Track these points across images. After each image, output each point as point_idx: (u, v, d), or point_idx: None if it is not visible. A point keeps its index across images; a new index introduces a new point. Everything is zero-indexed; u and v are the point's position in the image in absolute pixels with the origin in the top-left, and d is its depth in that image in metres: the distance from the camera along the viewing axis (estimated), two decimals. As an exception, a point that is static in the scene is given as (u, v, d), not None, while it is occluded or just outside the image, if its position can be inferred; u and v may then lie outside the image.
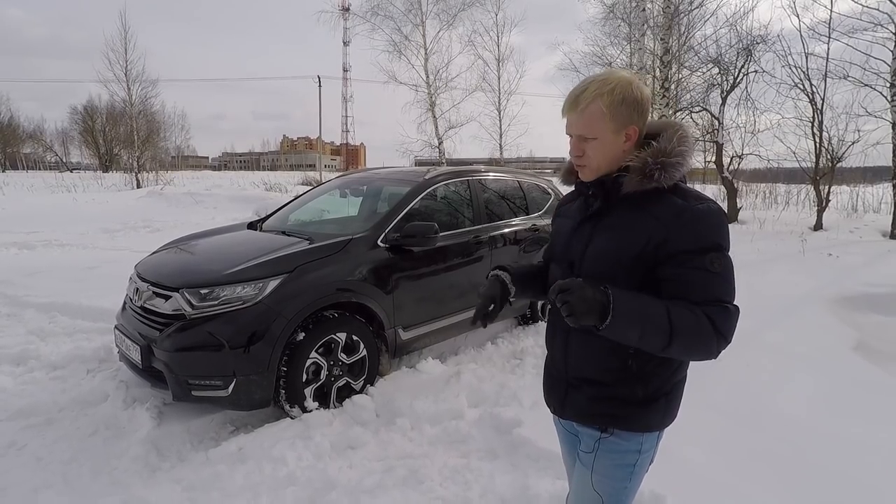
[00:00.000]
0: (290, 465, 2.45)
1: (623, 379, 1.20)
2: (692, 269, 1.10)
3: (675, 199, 1.14)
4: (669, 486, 2.10)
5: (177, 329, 2.77)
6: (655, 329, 1.05)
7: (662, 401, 1.22)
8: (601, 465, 1.27)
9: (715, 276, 1.10)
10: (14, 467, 2.52)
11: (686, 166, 1.18)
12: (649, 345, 1.07)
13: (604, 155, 1.19)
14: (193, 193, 14.66)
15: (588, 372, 1.25)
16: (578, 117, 1.18)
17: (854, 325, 4.54)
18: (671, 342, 1.05)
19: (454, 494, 2.29)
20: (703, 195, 1.18)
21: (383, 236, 3.37)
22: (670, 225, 1.12)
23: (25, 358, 3.73)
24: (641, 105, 1.18)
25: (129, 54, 21.62)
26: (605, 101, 1.15)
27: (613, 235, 1.19)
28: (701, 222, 1.11)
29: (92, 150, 44.93)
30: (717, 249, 1.10)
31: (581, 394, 1.27)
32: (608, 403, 1.23)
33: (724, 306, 1.09)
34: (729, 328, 1.08)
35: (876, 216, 11.96)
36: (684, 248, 1.10)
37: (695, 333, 1.06)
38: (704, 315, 1.06)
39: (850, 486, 2.26)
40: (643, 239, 1.13)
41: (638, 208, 1.17)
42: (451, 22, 16.66)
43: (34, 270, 6.24)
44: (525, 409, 2.92)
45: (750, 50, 11.08)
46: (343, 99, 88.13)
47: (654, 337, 1.05)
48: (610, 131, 1.17)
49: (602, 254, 1.20)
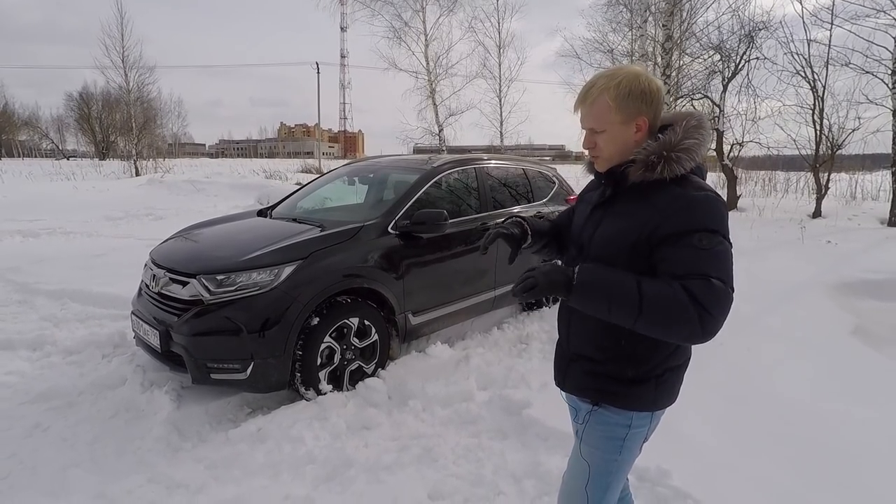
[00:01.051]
0: (309, 445, 2.54)
1: (615, 357, 1.26)
2: (680, 247, 1.11)
3: (675, 188, 1.17)
4: (675, 462, 2.19)
5: (195, 314, 2.84)
6: (623, 298, 1.07)
7: (652, 383, 1.25)
8: (590, 435, 1.34)
9: (702, 252, 1.09)
10: (41, 447, 2.60)
11: (694, 159, 1.20)
12: (620, 315, 1.09)
13: (614, 146, 1.25)
14: (194, 181, 14.63)
15: (585, 349, 1.32)
16: (588, 111, 1.26)
17: (852, 311, 4.63)
18: (641, 311, 1.05)
19: (468, 472, 2.39)
20: (706, 185, 1.20)
21: (393, 223, 3.43)
22: (665, 211, 1.15)
23: (41, 343, 3.80)
24: (649, 96, 1.22)
25: (125, 40, 21.35)
26: (611, 94, 1.21)
27: (618, 222, 1.24)
28: (694, 207, 1.14)
29: (88, 138, 44.69)
30: (709, 231, 1.11)
31: (578, 367, 1.34)
32: (599, 379, 1.29)
33: (707, 279, 1.06)
34: (711, 301, 1.04)
35: (874, 204, 12.05)
36: (675, 231, 1.12)
37: (667, 304, 1.05)
38: (682, 287, 1.06)
39: (852, 463, 2.36)
40: (641, 226, 1.17)
41: (642, 197, 1.21)
42: (451, 8, 16.52)
43: (41, 258, 6.28)
44: (533, 390, 3.01)
45: (752, 37, 11.06)
46: (341, 86, 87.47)
47: (623, 306, 1.07)
48: (618, 123, 1.23)
49: (607, 239, 1.25)
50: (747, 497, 2.11)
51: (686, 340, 1.10)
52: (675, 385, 1.31)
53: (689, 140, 1.20)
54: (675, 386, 1.32)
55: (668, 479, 2.13)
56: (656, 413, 1.32)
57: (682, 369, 1.32)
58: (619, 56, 13.90)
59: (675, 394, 1.33)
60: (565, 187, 5.14)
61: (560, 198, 4.96)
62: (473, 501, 2.19)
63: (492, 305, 4.16)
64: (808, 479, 2.23)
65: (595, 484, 1.34)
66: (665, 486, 2.12)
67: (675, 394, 1.33)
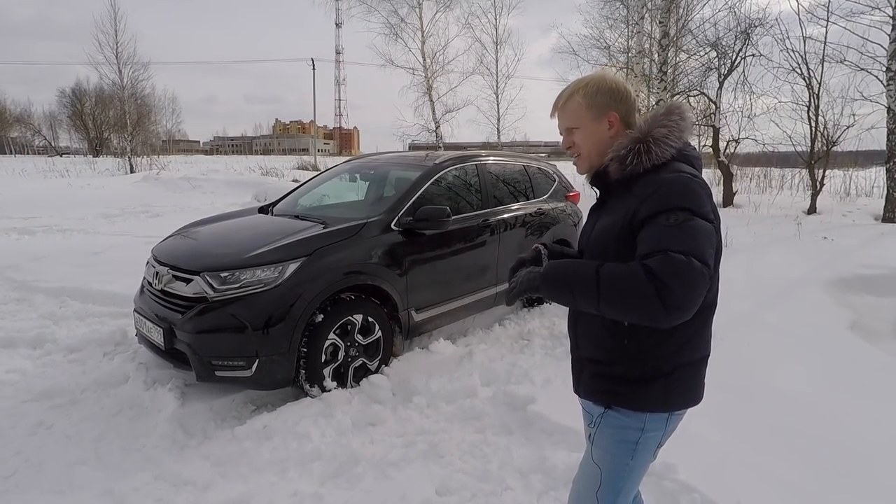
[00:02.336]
0: (315, 441, 2.55)
1: (621, 357, 1.25)
2: (650, 228, 1.11)
3: (652, 175, 1.19)
4: (680, 457, 2.21)
5: (199, 311, 2.83)
6: (582, 285, 1.10)
7: (661, 381, 1.22)
8: (601, 438, 1.32)
9: (667, 229, 1.07)
10: (46, 445, 2.60)
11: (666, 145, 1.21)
12: (583, 302, 1.12)
13: (592, 142, 1.31)
14: (190, 178, 14.56)
15: (592, 351, 1.32)
16: (562, 112, 1.35)
17: (849, 306, 4.68)
18: (599, 293, 1.07)
19: (473, 467, 2.40)
20: (683, 168, 1.19)
21: (396, 220, 3.43)
22: (640, 196, 1.17)
23: (42, 341, 3.79)
24: (617, 93, 1.29)
25: (119, 36, 21.15)
26: (581, 94, 1.30)
27: (607, 218, 1.28)
28: (666, 188, 1.14)
29: (81, 134, 44.38)
30: (679, 209, 1.09)
31: (589, 371, 1.34)
32: (609, 381, 1.28)
33: (667, 253, 1.02)
34: (668, 273, 1.00)
35: (868, 200, 12.12)
36: (648, 213, 1.13)
37: (624, 283, 1.04)
38: (640, 265, 1.04)
39: (854, 456, 2.39)
40: (623, 216, 1.19)
41: (626, 191, 1.23)
42: (448, 4, 16.43)
43: (39, 256, 6.24)
44: (537, 386, 3.03)
45: (748, 33, 11.10)
46: (336, 82, 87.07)
47: (584, 292, 1.10)
48: (590, 119, 1.30)
49: (598, 235, 1.29)
50: (753, 490, 2.13)
51: (652, 319, 1.03)
52: (690, 383, 1.27)
53: (659, 129, 1.23)
54: (690, 384, 1.27)
55: (674, 473, 2.15)
56: (672, 417, 1.28)
57: (696, 367, 1.27)
58: (616, 52, 13.93)
59: (691, 393, 1.28)
60: (564, 183, 5.15)
61: (560, 194, 4.98)
62: (481, 497, 2.20)
63: (493, 302, 4.18)
64: (811, 472, 2.25)
65: (606, 489, 1.32)
66: (671, 481, 2.14)
67: (693, 394, 1.28)
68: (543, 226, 4.57)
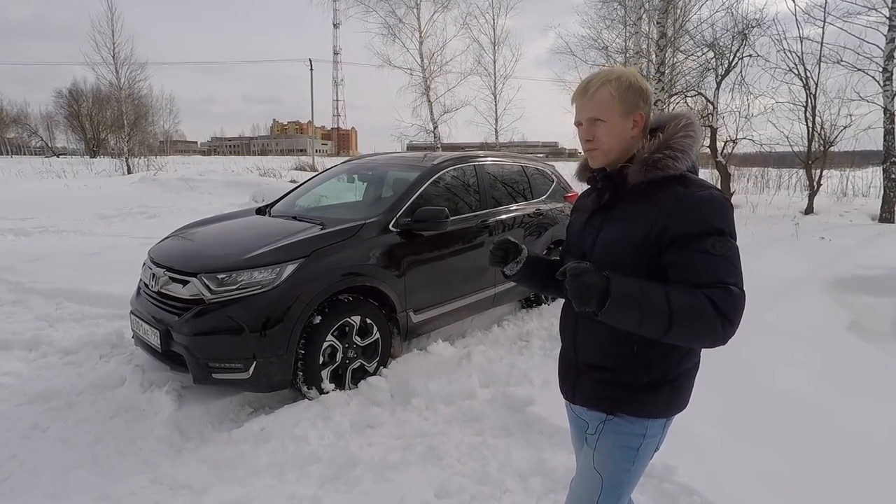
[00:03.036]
0: (313, 444, 2.53)
1: (627, 365, 1.23)
2: (693, 252, 1.11)
3: (677, 188, 1.17)
4: (680, 458, 2.20)
5: (196, 313, 2.82)
6: (654, 312, 1.05)
7: (667, 388, 1.24)
8: (604, 444, 1.30)
9: (717, 259, 1.10)
10: (41, 448, 2.57)
11: (689, 156, 1.21)
12: (650, 329, 1.07)
13: (613, 138, 1.25)
14: (187, 179, 14.51)
15: (595, 358, 1.29)
16: (589, 101, 1.25)
17: (847, 306, 4.68)
18: (671, 325, 1.05)
19: (473, 469, 2.39)
20: (707, 183, 1.20)
21: (394, 221, 3.42)
22: (672, 212, 1.14)
23: (37, 343, 3.76)
24: (645, 93, 1.26)
25: (116, 37, 21.12)
26: (613, 85, 1.22)
27: (620, 226, 1.23)
28: (702, 208, 1.13)
29: (78, 135, 44.23)
30: (718, 233, 1.11)
31: (589, 379, 1.31)
32: (613, 388, 1.26)
33: (727, 287, 1.08)
34: (732, 310, 1.06)
35: (865, 200, 12.16)
36: (685, 233, 1.12)
37: (695, 316, 1.05)
38: (705, 297, 1.06)
39: (853, 457, 2.38)
40: (646, 227, 1.17)
41: (644, 198, 1.20)
42: (445, 4, 16.41)
43: (35, 257, 6.20)
44: (536, 388, 3.01)
45: (745, 34, 11.09)
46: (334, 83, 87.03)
47: (654, 320, 1.05)
48: (618, 114, 1.23)
49: (610, 244, 1.24)
50: (752, 491, 2.13)
51: (705, 347, 1.13)
52: (688, 388, 1.30)
53: (684, 138, 1.22)
54: (688, 389, 1.30)
55: (674, 475, 2.15)
56: (670, 420, 1.31)
57: (694, 371, 1.30)
58: (614, 53, 13.92)
59: (687, 398, 1.31)
60: (563, 184, 5.14)
61: (558, 195, 4.97)
62: (480, 499, 2.19)
63: (492, 303, 4.16)
64: (811, 473, 2.25)
65: (607, 496, 1.31)
66: (671, 483, 2.13)
67: (688, 398, 1.31)
68: (542, 226, 4.56)
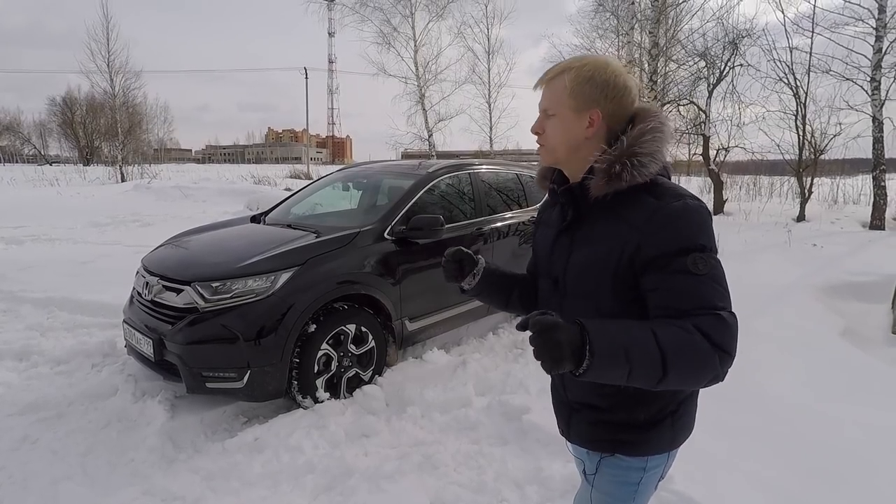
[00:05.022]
0: (308, 454, 2.51)
1: (621, 403, 1.11)
2: (673, 273, 0.97)
3: (648, 199, 1.02)
4: (677, 467, 2.18)
5: (189, 322, 2.79)
6: (645, 362, 0.88)
7: (668, 421, 1.12)
8: (602, 482, 1.21)
9: (701, 279, 0.96)
10: (31, 460, 2.53)
11: (658, 160, 1.05)
12: (641, 381, 0.90)
13: (562, 135, 1.10)
14: (181, 187, 14.45)
15: (586, 396, 1.17)
16: (545, 89, 1.12)
17: (839, 313, 4.71)
18: (666, 372, 0.89)
19: (469, 479, 2.37)
20: (682, 191, 1.04)
21: (389, 229, 3.42)
22: (643, 228, 1.00)
23: (28, 353, 3.71)
24: (611, 89, 1.06)
25: (111, 45, 21.15)
26: (570, 75, 1.07)
27: (589, 248, 1.09)
28: (678, 220, 0.99)
29: (72, 143, 44.07)
30: (700, 249, 0.97)
31: (583, 418, 1.20)
32: (609, 428, 1.15)
33: (717, 315, 0.94)
34: (728, 340, 0.93)
35: (855, 207, 12.29)
36: (662, 252, 0.98)
37: (691, 354, 0.90)
38: (697, 331, 0.91)
39: (848, 462, 2.39)
40: (618, 249, 1.03)
41: (611, 213, 1.05)
42: (440, 13, 16.57)
43: (26, 265, 6.15)
44: (532, 396, 3.00)
45: (736, 44, 11.27)
46: (329, 91, 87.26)
47: (646, 370, 0.89)
48: (570, 109, 1.08)
49: (583, 270, 1.10)
50: (748, 499, 2.13)
51: (703, 387, 0.96)
52: (692, 416, 1.18)
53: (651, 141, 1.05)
54: (692, 417, 1.19)
55: (672, 483, 2.14)
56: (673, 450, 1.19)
57: (695, 397, 1.19)
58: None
59: (692, 425, 1.19)
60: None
61: (553, 203, 4.99)
62: (476, 509, 2.17)
63: (487, 311, 4.15)
64: (806, 479, 2.25)
65: None
66: (668, 491, 2.12)
67: (693, 425, 1.19)
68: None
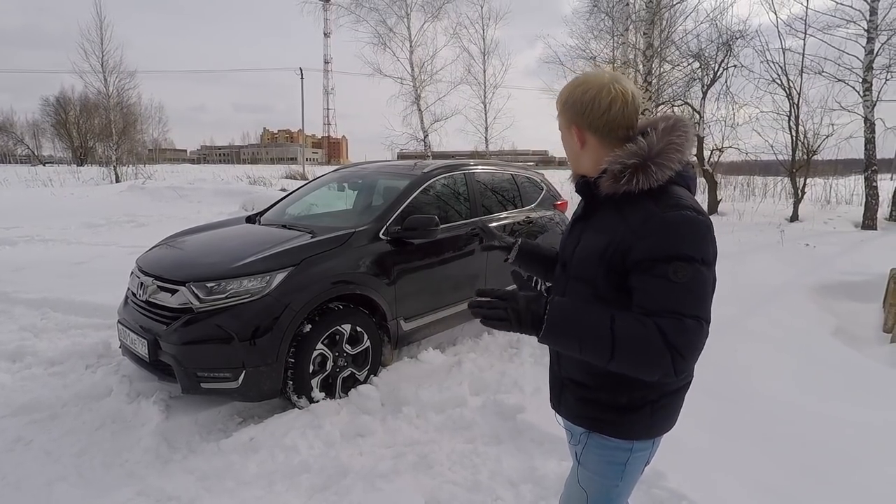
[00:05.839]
0: (303, 454, 2.52)
1: (607, 383, 1.18)
2: (653, 276, 1.03)
3: (649, 205, 1.08)
4: (669, 464, 2.21)
5: (184, 322, 2.79)
6: (595, 339, 0.99)
7: (647, 409, 1.18)
8: (589, 460, 1.27)
9: (675, 286, 1.01)
10: (24, 462, 2.53)
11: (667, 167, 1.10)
12: (591, 356, 1.01)
13: (566, 150, 1.26)
14: (176, 187, 14.41)
15: (576, 373, 1.25)
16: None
17: (832, 312, 4.75)
18: (614, 354, 0.98)
19: (464, 478, 2.38)
20: (685, 202, 1.08)
21: (384, 229, 3.43)
22: (637, 231, 1.06)
23: (21, 354, 3.70)
24: (581, 106, 1.15)
25: (105, 45, 21.07)
26: (563, 96, 1.20)
27: (593, 238, 1.18)
28: (669, 230, 1.04)
29: (66, 143, 43.73)
30: (684, 259, 1.01)
31: (571, 393, 1.28)
32: (592, 407, 1.23)
33: (679, 318, 0.99)
34: (684, 343, 0.98)
35: (848, 207, 12.38)
36: (647, 256, 1.04)
37: (640, 346, 0.98)
38: (655, 326, 0.98)
39: (840, 460, 2.42)
40: (614, 244, 1.10)
41: (617, 211, 1.13)
42: (436, 14, 16.54)
43: (20, 266, 6.12)
44: (527, 395, 3.02)
45: (729, 45, 11.35)
46: (324, 91, 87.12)
47: (595, 348, 0.99)
48: (563, 127, 1.23)
49: (584, 256, 1.19)
50: (741, 497, 2.15)
51: (654, 379, 1.03)
52: (674, 410, 1.24)
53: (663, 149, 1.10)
54: (674, 411, 1.24)
55: (664, 480, 2.16)
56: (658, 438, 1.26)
57: (681, 393, 1.24)
58: (602, 63, 14.11)
59: (672, 420, 1.25)
60: (552, 192, 5.19)
61: (548, 203, 5.01)
62: (471, 507, 2.18)
63: (482, 310, 4.16)
64: (798, 477, 2.27)
65: None
66: (660, 488, 2.14)
67: (673, 420, 1.25)
68: (531, 234, 4.59)
